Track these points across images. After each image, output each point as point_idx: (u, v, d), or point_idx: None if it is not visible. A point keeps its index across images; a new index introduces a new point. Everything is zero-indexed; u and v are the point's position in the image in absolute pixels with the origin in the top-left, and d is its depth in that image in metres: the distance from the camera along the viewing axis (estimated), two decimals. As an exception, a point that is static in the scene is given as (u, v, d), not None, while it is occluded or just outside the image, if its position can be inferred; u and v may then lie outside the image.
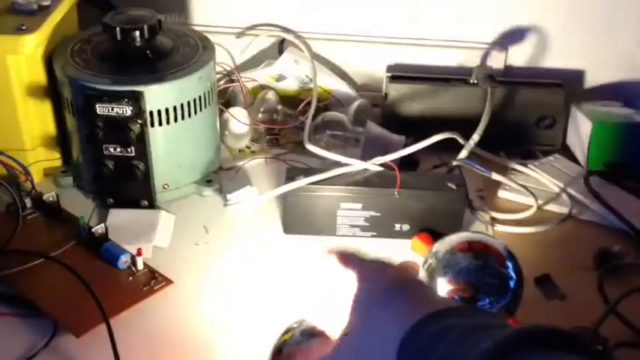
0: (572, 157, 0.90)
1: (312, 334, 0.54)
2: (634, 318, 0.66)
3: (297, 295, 0.71)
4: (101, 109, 0.75)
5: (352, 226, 0.78)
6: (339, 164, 0.80)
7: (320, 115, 0.91)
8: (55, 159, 0.85)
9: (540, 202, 0.82)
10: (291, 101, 0.95)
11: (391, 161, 0.79)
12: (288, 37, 0.99)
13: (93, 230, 0.74)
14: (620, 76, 0.97)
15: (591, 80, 0.98)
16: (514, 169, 0.87)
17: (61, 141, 0.85)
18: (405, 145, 0.85)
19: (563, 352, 0.38)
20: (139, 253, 0.72)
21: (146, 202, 0.81)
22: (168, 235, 0.78)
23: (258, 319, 0.68)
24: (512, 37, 0.97)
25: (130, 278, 0.71)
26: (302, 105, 0.93)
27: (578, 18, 0.95)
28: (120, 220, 0.78)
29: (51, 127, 0.84)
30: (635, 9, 0.93)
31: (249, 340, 0.66)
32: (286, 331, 0.55)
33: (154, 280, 0.71)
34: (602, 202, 0.80)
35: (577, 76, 0.98)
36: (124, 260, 0.72)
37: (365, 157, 0.81)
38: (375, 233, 0.78)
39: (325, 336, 0.53)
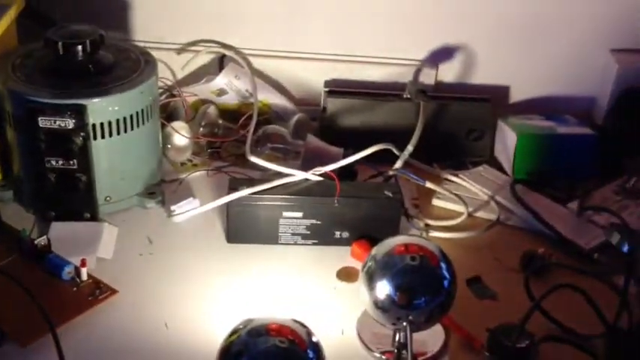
0: (500, 167, 0.95)
1: (258, 334, 0.55)
2: (557, 314, 0.71)
3: (242, 299, 0.74)
4: (43, 122, 0.75)
5: (294, 234, 0.80)
6: (280, 175, 0.83)
7: (261, 129, 0.93)
8: (-6, 173, 0.85)
9: (471, 209, 0.87)
10: (232, 115, 0.98)
11: (330, 171, 0.83)
12: (229, 53, 1.01)
13: (36, 242, 0.74)
14: (541, 92, 1.04)
15: (516, 95, 1.04)
16: (446, 179, 0.92)
17: (0, 155, 0.84)
18: (344, 157, 0.88)
19: None
20: (83, 264, 0.73)
21: (89, 215, 0.81)
22: (112, 247, 0.79)
23: (205, 324, 0.70)
24: (443, 55, 1.02)
25: (75, 289, 0.72)
26: (243, 119, 0.95)
27: (503, 38, 1.01)
28: (62, 233, 0.78)
29: (-10, 141, 0.83)
30: (554, 30, 1.00)
31: (198, 344, 0.67)
32: (233, 332, 0.57)
33: (98, 290, 0.72)
34: (527, 208, 0.85)
35: (503, 91, 1.04)
36: (67, 271, 0.72)
37: (305, 168, 0.84)
38: (315, 241, 0.81)
39: (271, 335, 0.55)
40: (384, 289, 0.63)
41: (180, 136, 0.91)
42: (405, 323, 0.63)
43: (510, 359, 0.66)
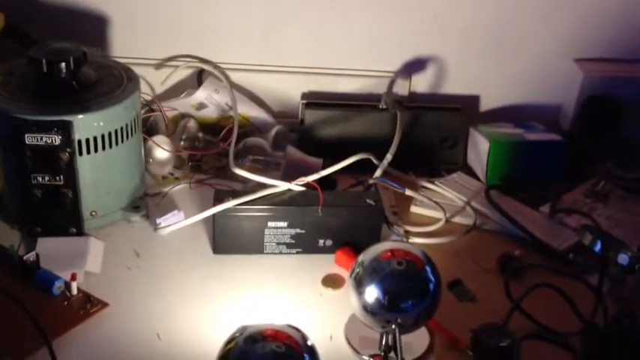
0: (473, 174, 0.99)
1: (255, 340, 0.57)
2: (535, 313, 0.74)
3: (231, 309, 0.75)
4: (30, 139, 0.76)
5: (279, 243, 0.82)
6: (263, 186, 0.84)
7: (241, 141, 0.95)
8: (-24, 190, 0.85)
9: (448, 215, 0.90)
10: (212, 128, 0.99)
11: (312, 181, 0.85)
12: (207, 67, 1.03)
13: (24, 258, 0.74)
14: (510, 101, 1.08)
15: (486, 104, 1.08)
16: (423, 186, 0.95)
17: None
18: (323, 167, 0.91)
19: None
20: (74, 277, 0.73)
21: (74, 230, 0.82)
22: (99, 261, 0.79)
23: (197, 334, 0.71)
24: (415, 66, 1.05)
25: (65, 303, 0.72)
26: (223, 132, 0.97)
27: (472, 50, 1.05)
28: (49, 249, 0.78)
29: (-27, 159, 0.83)
30: (521, 41, 1.04)
31: (191, 353, 0.68)
32: (229, 341, 0.58)
33: (89, 303, 0.73)
34: (502, 212, 0.88)
35: (473, 100, 1.08)
36: (58, 286, 0.73)
37: (286, 179, 0.86)
38: (300, 249, 0.83)
39: (268, 340, 0.57)
40: (372, 293, 0.65)
41: (162, 149, 0.92)
42: (393, 326, 0.65)
43: (493, 358, 0.69)
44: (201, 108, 1.01)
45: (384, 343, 0.69)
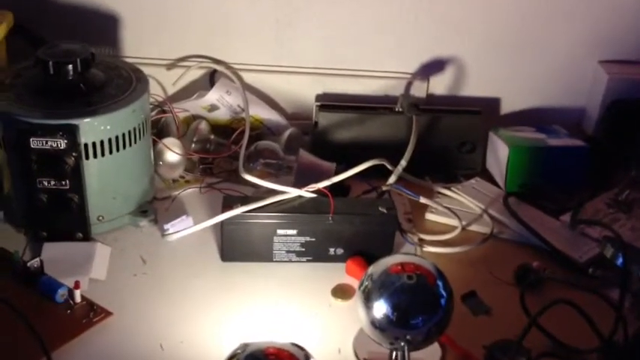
0: (492, 180, 0.96)
1: (256, 358, 0.55)
2: (552, 328, 0.71)
3: (237, 318, 0.73)
4: (35, 142, 0.75)
5: (288, 251, 0.80)
6: (273, 192, 0.82)
7: (253, 145, 0.93)
8: (-17, 193, 0.84)
9: (464, 222, 0.87)
10: (224, 131, 0.97)
11: (324, 187, 0.82)
12: (219, 68, 1.01)
13: (28, 265, 0.73)
14: (532, 103, 1.05)
15: (506, 107, 1.05)
16: (439, 193, 0.92)
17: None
18: (336, 172, 0.88)
19: None
20: (77, 285, 0.72)
21: (81, 235, 0.81)
22: (105, 267, 0.78)
23: (201, 344, 0.69)
24: (433, 67, 1.02)
25: (69, 311, 0.71)
26: (235, 134, 0.95)
27: (493, 50, 1.01)
28: (55, 254, 0.77)
29: (-20, 162, 0.83)
30: (543, 41, 1.01)
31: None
32: (230, 357, 0.57)
33: (92, 312, 0.71)
34: (521, 221, 0.85)
35: (493, 103, 1.04)
36: (61, 294, 0.72)
37: (297, 184, 0.84)
38: (310, 258, 0.80)
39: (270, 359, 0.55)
40: (381, 308, 0.63)
41: (172, 152, 0.91)
42: (402, 343, 0.63)
43: (507, 376, 0.66)
44: (213, 110, 0.99)
45: (393, 359, 0.67)
